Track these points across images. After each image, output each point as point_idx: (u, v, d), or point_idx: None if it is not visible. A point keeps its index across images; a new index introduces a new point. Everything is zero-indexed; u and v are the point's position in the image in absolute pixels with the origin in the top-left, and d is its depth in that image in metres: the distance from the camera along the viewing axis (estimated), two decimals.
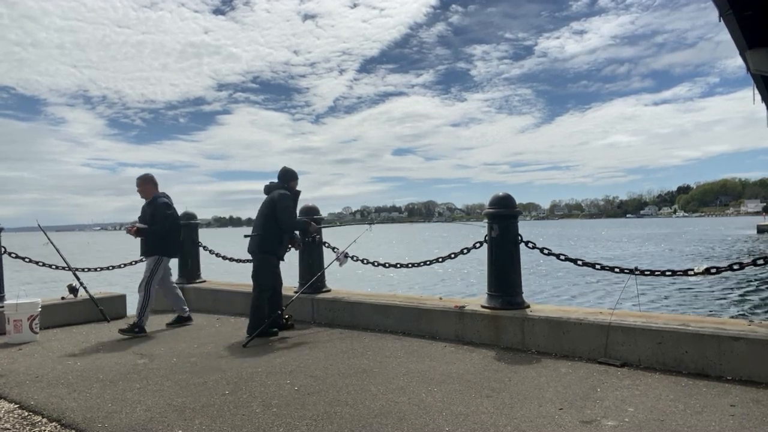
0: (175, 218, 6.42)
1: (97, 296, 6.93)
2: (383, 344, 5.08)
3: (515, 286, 4.98)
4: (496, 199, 5.02)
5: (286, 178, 5.94)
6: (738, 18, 10.16)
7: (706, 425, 3.00)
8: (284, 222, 5.61)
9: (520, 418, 3.17)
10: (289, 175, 5.96)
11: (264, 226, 5.64)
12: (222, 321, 6.62)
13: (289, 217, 5.63)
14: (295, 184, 5.98)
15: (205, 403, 3.57)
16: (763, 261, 4.06)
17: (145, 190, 6.37)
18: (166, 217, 6.21)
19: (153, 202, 6.27)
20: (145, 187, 6.38)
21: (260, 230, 5.65)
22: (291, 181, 5.95)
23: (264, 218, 5.66)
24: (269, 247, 5.63)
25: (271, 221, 5.62)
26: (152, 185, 6.42)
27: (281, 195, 5.67)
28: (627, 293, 5.31)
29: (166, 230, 6.22)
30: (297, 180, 6.02)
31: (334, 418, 3.25)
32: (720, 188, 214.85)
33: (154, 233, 6.15)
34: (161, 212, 6.18)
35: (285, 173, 5.96)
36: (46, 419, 3.42)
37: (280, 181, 5.91)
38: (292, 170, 6.01)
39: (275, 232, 5.63)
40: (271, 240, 5.62)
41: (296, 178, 6.01)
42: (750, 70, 12.90)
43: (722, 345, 3.79)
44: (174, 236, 6.38)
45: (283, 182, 5.89)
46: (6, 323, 5.67)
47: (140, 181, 6.40)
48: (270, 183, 5.94)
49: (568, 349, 4.46)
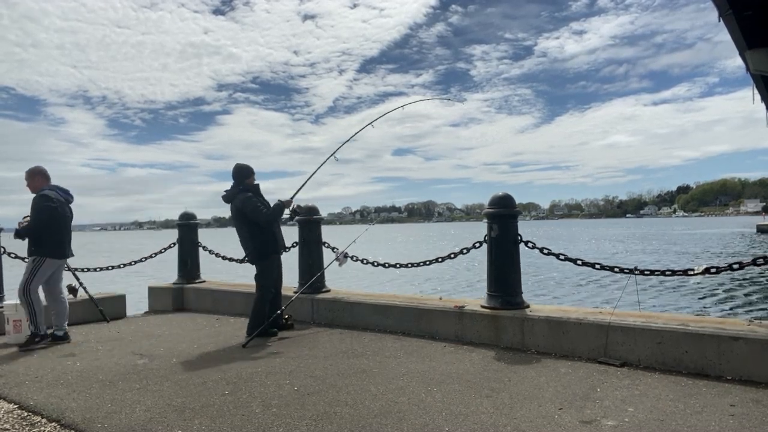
0: (53, 212, 5.47)
1: (97, 296, 6.92)
2: (383, 344, 5.07)
3: (515, 286, 4.98)
4: (496, 199, 5.02)
5: (242, 176, 5.68)
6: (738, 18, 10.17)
7: (705, 425, 3.00)
8: (262, 221, 5.46)
9: (520, 418, 3.17)
10: (244, 172, 5.70)
11: (250, 237, 5.51)
12: (221, 321, 6.61)
13: (262, 215, 5.45)
14: (252, 180, 5.73)
15: (204, 404, 3.57)
16: (763, 261, 4.06)
17: (33, 184, 5.63)
18: (40, 210, 5.40)
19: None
20: (34, 180, 5.65)
21: (250, 243, 5.52)
22: (247, 178, 5.70)
23: (245, 231, 5.51)
24: (267, 251, 5.59)
25: (254, 228, 5.49)
26: (42, 178, 5.68)
27: (243, 200, 5.46)
28: (627, 293, 5.30)
29: (43, 227, 5.42)
30: (253, 174, 5.76)
31: (334, 418, 3.25)
32: (720, 188, 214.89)
33: (27, 231, 5.41)
34: (36, 205, 5.42)
35: (239, 171, 5.70)
36: (45, 419, 3.41)
37: (236, 181, 5.67)
38: (245, 166, 5.76)
39: (263, 237, 5.53)
40: (265, 244, 5.55)
41: (252, 173, 5.76)
42: (750, 70, 12.92)
43: (722, 345, 3.79)
44: (55, 234, 5.52)
45: (239, 182, 5.65)
46: (5, 323, 5.67)
47: (28, 174, 5.67)
48: (226, 191, 5.66)
49: (568, 349, 4.46)
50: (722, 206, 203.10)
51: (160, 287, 7.83)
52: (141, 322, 6.76)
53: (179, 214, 7.92)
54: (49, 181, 5.75)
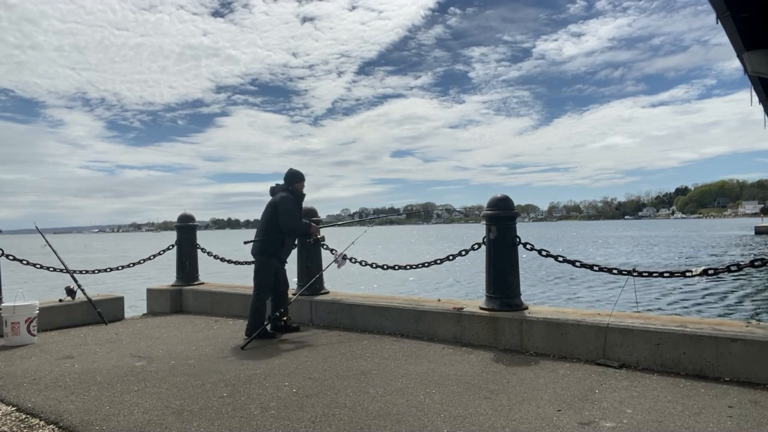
0: None
1: (95, 298, 6.91)
2: (382, 346, 5.07)
3: (513, 288, 4.98)
4: (495, 201, 5.02)
5: (291, 180, 5.84)
6: (735, 20, 10.20)
7: (704, 426, 3.00)
8: (285, 224, 5.55)
9: (519, 420, 3.17)
10: (294, 177, 5.85)
11: (266, 229, 5.62)
12: (220, 323, 6.60)
13: (289, 218, 5.57)
14: (300, 186, 5.86)
15: (203, 406, 3.57)
16: (761, 262, 4.07)
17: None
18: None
19: None
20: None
21: (262, 234, 5.63)
22: (296, 183, 5.84)
23: (266, 221, 5.64)
24: (271, 250, 5.60)
25: (273, 224, 5.59)
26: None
27: (282, 198, 5.64)
28: (625, 294, 5.31)
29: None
30: (303, 182, 5.89)
31: (333, 420, 3.25)
32: (718, 190, 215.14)
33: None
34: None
35: (290, 175, 5.86)
36: (43, 422, 3.40)
37: (285, 183, 5.85)
38: (297, 172, 5.90)
39: (277, 236, 5.60)
40: (273, 243, 5.59)
41: (302, 179, 5.88)
42: (747, 72, 12.95)
43: (720, 346, 3.79)
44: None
45: (287, 184, 5.82)
46: (4, 326, 5.65)
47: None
48: (276, 185, 5.89)
49: (567, 351, 4.46)
50: (720, 208, 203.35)
51: (158, 289, 7.81)
52: (139, 324, 6.74)
53: (178, 216, 7.91)
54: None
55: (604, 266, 4.85)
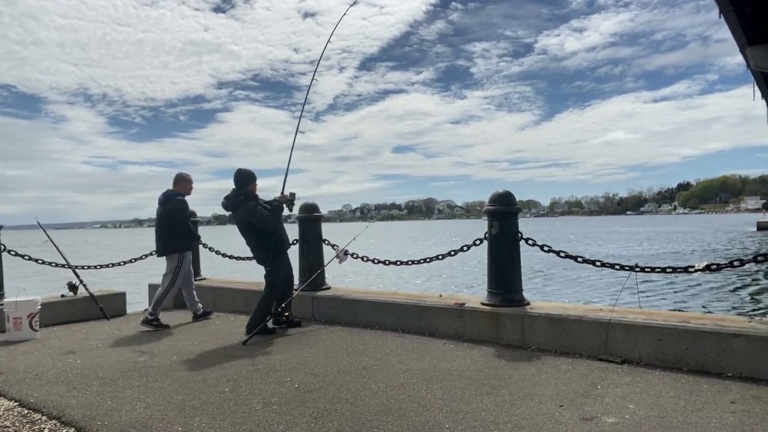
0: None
1: (97, 294, 6.93)
2: (383, 341, 5.07)
3: (515, 283, 4.97)
4: (496, 197, 5.01)
5: (243, 182, 5.56)
6: (738, 15, 10.16)
7: (706, 422, 3.00)
8: (269, 227, 5.46)
9: (520, 415, 3.17)
10: (246, 179, 5.58)
11: (258, 243, 5.53)
12: (222, 318, 6.61)
13: (270, 222, 5.44)
14: (253, 187, 5.61)
15: (205, 401, 3.57)
16: (764, 258, 4.05)
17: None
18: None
19: None
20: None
21: (259, 248, 5.54)
22: (249, 184, 5.58)
23: (252, 236, 5.51)
24: (276, 253, 5.57)
25: (260, 236, 5.50)
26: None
27: (248, 211, 5.42)
28: (627, 290, 5.30)
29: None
30: (255, 181, 5.63)
31: (335, 416, 3.25)
32: (720, 185, 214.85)
33: None
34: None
35: (240, 177, 5.56)
36: (45, 417, 3.41)
37: (237, 187, 5.55)
38: (248, 173, 5.62)
39: (271, 240, 5.51)
40: (273, 247, 5.53)
41: (254, 180, 5.62)
42: (750, 67, 12.90)
43: (722, 342, 3.78)
44: None
45: (239, 188, 5.55)
46: (6, 321, 5.67)
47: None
48: (226, 197, 5.57)
49: (568, 346, 4.46)
50: (723, 203, 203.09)
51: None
52: (141, 319, 6.74)
53: None
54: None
55: (605, 262, 4.83)
